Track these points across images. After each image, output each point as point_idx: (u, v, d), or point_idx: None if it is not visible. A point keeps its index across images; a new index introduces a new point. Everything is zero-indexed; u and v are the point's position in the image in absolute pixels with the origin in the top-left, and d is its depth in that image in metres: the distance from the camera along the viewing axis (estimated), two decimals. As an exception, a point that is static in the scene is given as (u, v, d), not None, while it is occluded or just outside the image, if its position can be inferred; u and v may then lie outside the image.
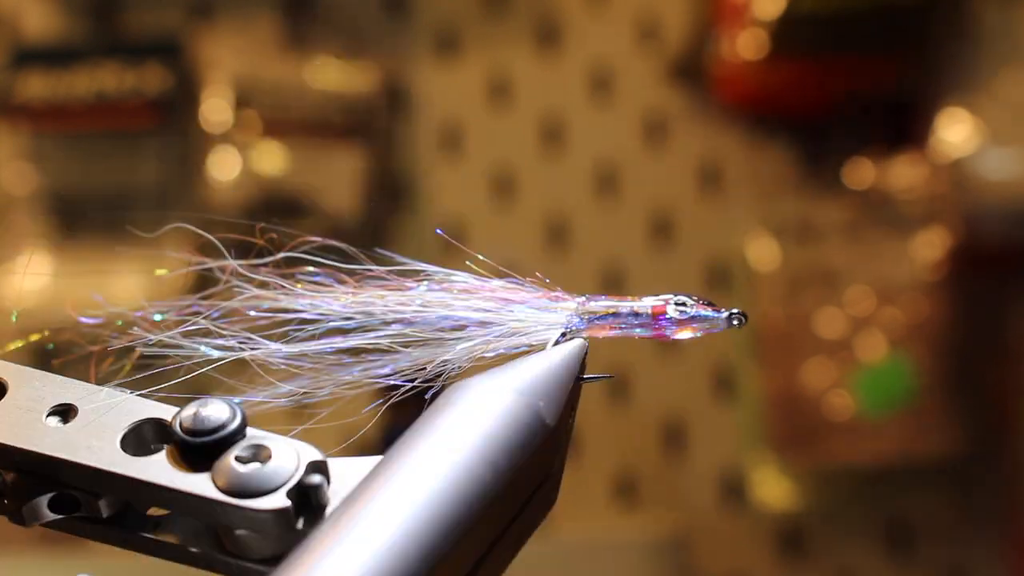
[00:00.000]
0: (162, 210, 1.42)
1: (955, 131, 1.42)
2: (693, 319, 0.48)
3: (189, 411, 0.43)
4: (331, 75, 1.51)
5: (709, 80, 1.50)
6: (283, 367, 0.48)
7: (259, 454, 0.42)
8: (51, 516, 0.44)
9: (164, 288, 0.48)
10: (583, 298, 0.48)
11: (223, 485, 0.42)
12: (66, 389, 0.45)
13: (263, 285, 0.48)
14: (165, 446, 0.43)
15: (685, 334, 0.48)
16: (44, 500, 0.44)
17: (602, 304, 0.48)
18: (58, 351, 0.51)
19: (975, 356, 1.44)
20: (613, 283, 1.45)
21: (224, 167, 1.47)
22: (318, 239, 0.48)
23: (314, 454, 0.43)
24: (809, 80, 1.47)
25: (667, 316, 0.48)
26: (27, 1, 1.54)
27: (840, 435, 1.42)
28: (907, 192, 1.45)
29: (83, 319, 0.49)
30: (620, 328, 0.48)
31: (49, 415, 0.45)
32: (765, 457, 1.44)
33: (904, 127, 1.47)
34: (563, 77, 1.52)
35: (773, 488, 1.44)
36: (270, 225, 0.48)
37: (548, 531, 0.44)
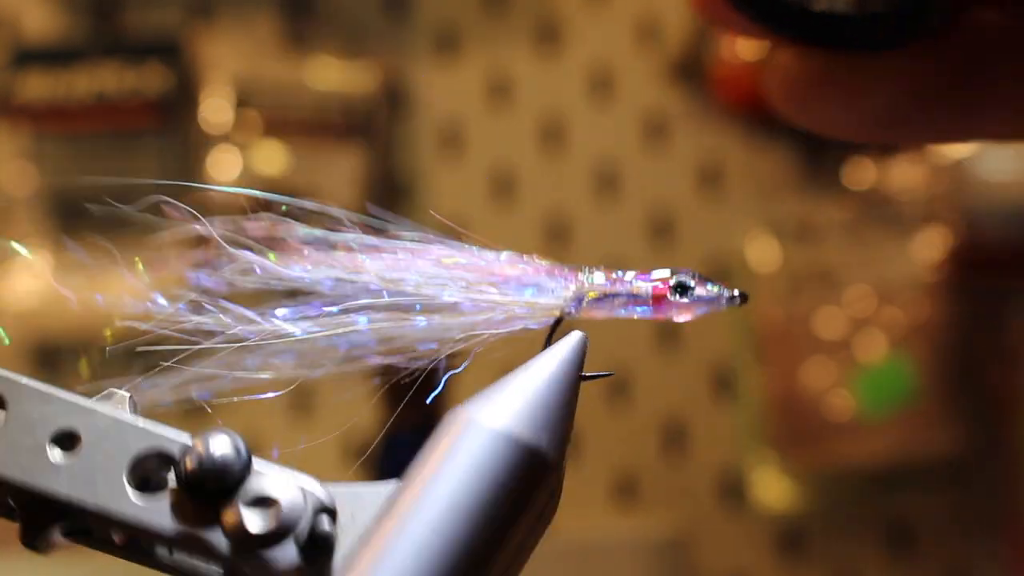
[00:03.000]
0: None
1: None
2: (694, 297, 0.47)
3: (195, 452, 0.43)
4: (331, 75, 1.51)
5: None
6: (281, 344, 0.47)
7: (266, 505, 0.42)
8: (64, 543, 0.44)
9: (164, 289, 0.48)
10: (583, 274, 0.48)
11: (232, 535, 0.42)
12: (68, 410, 0.44)
13: (250, 248, 0.47)
14: (171, 483, 0.43)
15: (686, 313, 0.48)
16: (56, 529, 0.44)
17: (601, 284, 0.47)
18: (57, 352, 0.51)
19: (975, 356, 1.45)
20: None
21: (224, 167, 1.47)
22: (315, 205, 0.48)
23: (320, 494, 0.43)
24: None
25: (667, 296, 0.47)
26: (27, 1, 1.54)
27: (840, 435, 1.42)
28: (907, 192, 1.45)
29: (82, 320, 0.50)
30: (620, 308, 0.48)
31: (52, 442, 0.44)
32: (765, 457, 1.44)
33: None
34: (563, 77, 1.52)
35: (773, 488, 1.44)
36: (270, 215, 0.48)
37: (548, 531, 0.44)
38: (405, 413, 0.58)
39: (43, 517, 0.44)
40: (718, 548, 1.45)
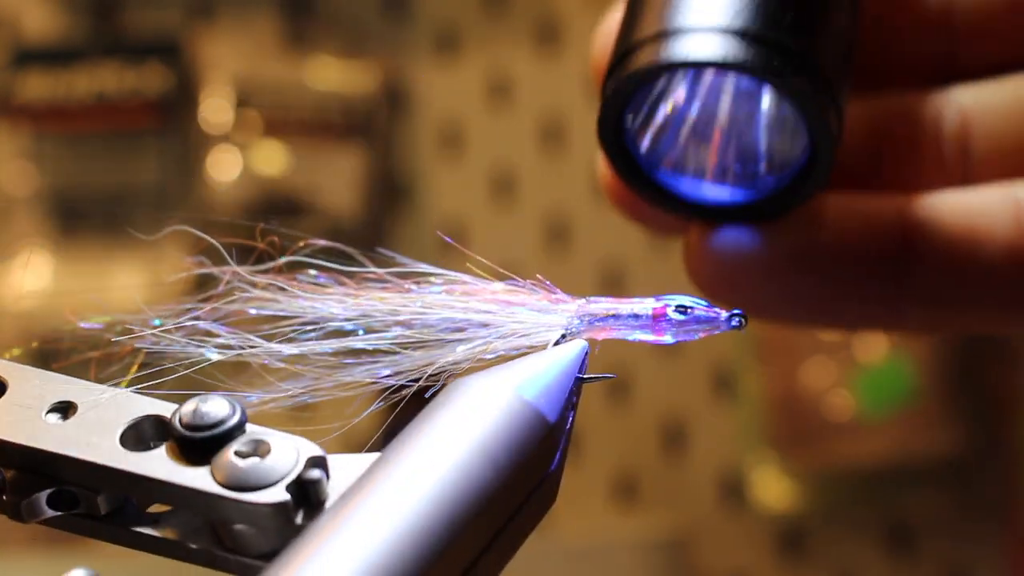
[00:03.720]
0: (162, 210, 1.42)
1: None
2: (694, 321, 0.48)
3: (188, 407, 0.43)
4: (331, 75, 1.51)
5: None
6: (283, 367, 0.48)
7: (258, 449, 0.42)
8: (50, 513, 0.44)
9: (164, 290, 0.48)
10: (583, 300, 0.49)
11: (222, 479, 0.42)
12: (66, 387, 0.46)
13: (263, 287, 0.48)
14: (164, 443, 0.43)
15: (686, 336, 0.48)
16: (43, 496, 0.44)
17: (602, 306, 0.48)
18: (57, 353, 0.51)
19: (975, 356, 1.44)
20: (613, 283, 1.45)
21: (224, 167, 1.47)
22: (319, 241, 0.48)
23: (313, 449, 0.43)
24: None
25: (667, 318, 0.48)
26: (27, 1, 1.54)
27: (840, 435, 1.42)
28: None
29: (82, 321, 0.50)
30: (620, 330, 0.48)
31: (49, 412, 0.45)
32: (765, 457, 1.44)
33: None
34: (563, 77, 1.52)
35: (773, 488, 1.44)
36: (270, 226, 0.48)
37: (548, 531, 0.44)
38: (404, 414, 0.58)
39: (32, 482, 0.44)
40: (718, 548, 1.45)
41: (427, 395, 0.49)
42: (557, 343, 0.47)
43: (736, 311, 0.48)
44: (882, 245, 0.51)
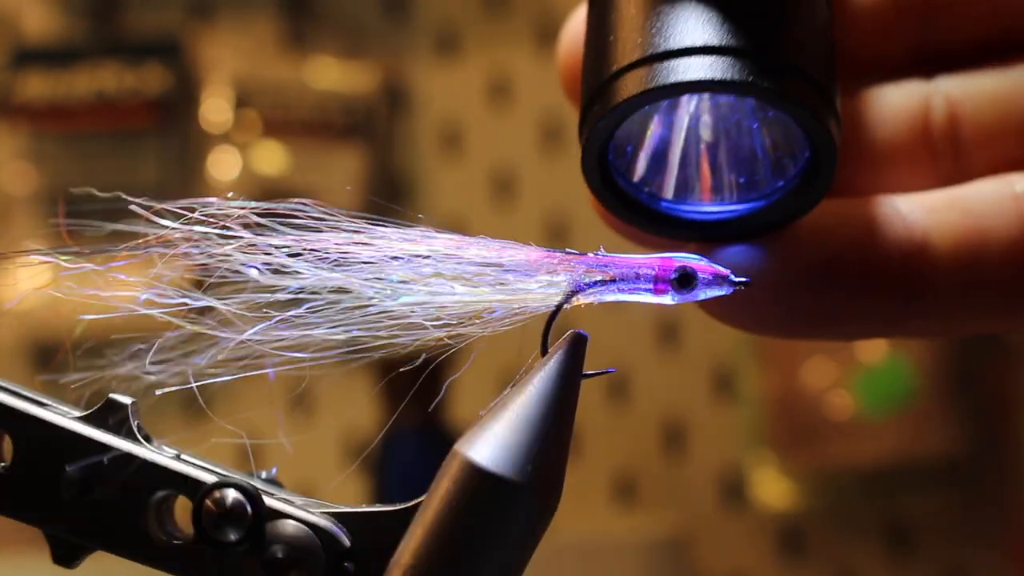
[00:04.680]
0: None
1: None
2: (698, 279, 0.47)
3: (204, 513, 0.43)
4: (331, 75, 1.51)
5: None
6: (281, 339, 0.47)
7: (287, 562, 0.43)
8: None
9: (162, 282, 0.48)
10: (590, 254, 0.48)
11: None
12: (78, 447, 0.45)
13: (255, 243, 0.47)
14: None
15: (689, 296, 0.47)
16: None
17: (603, 265, 0.47)
18: (57, 353, 0.51)
19: (975, 356, 1.44)
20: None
21: (224, 167, 1.47)
22: (308, 201, 0.48)
23: (337, 535, 0.44)
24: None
25: (671, 278, 0.47)
26: (27, 1, 1.54)
27: (840, 435, 1.42)
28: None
29: (80, 320, 0.49)
30: (622, 291, 0.47)
31: (65, 485, 0.44)
32: (765, 457, 1.44)
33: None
34: (563, 77, 1.52)
35: (773, 488, 1.44)
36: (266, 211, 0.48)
37: (548, 531, 0.44)
38: (405, 412, 0.58)
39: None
40: (718, 548, 1.45)
41: (426, 395, 0.49)
42: (559, 305, 0.47)
43: (742, 278, 0.48)
44: (889, 253, 0.50)
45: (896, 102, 0.53)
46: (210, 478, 0.44)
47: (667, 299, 0.48)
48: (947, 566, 1.46)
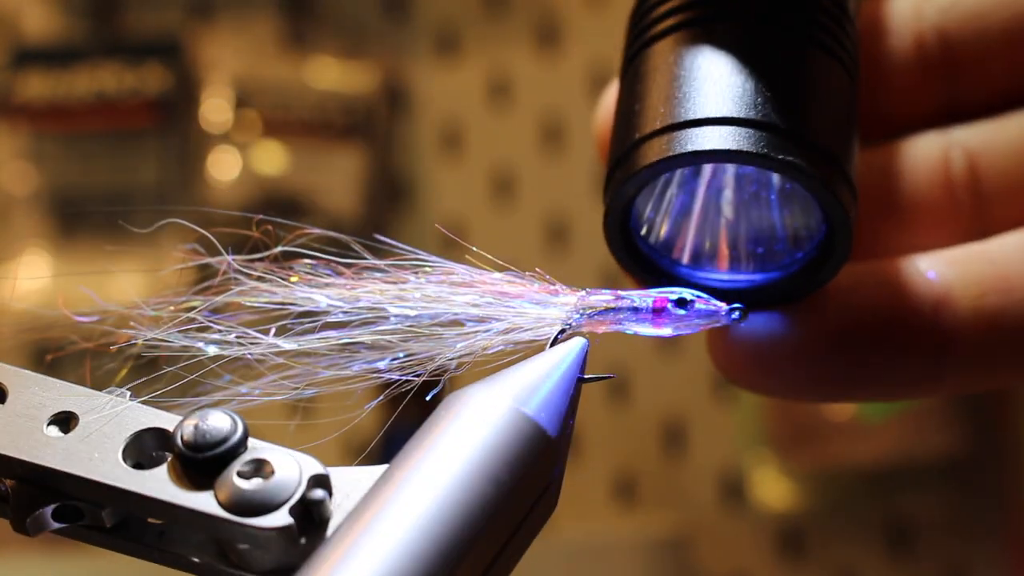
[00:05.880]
0: (162, 210, 1.42)
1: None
2: (694, 313, 0.48)
3: (189, 425, 0.43)
4: (331, 75, 1.51)
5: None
6: (281, 362, 0.48)
7: (261, 470, 0.42)
8: (55, 526, 0.44)
9: (161, 285, 0.48)
10: (583, 292, 0.49)
11: (225, 502, 0.42)
12: (66, 395, 0.45)
13: (260, 279, 0.48)
14: (167, 457, 0.44)
15: (686, 329, 0.48)
16: (48, 511, 0.44)
17: (602, 299, 0.48)
18: (53, 350, 0.51)
19: (975, 356, 1.44)
20: (613, 283, 1.45)
21: (224, 167, 1.47)
22: (315, 230, 0.48)
23: (316, 467, 0.43)
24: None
25: (668, 311, 0.48)
26: (27, 1, 1.54)
27: (840, 435, 1.42)
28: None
29: (79, 318, 0.50)
30: (620, 323, 0.48)
31: (50, 424, 0.44)
32: (765, 457, 1.44)
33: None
34: (563, 77, 1.52)
35: (773, 488, 1.44)
36: (267, 218, 0.48)
37: (548, 531, 0.44)
38: (405, 412, 0.58)
39: (35, 497, 0.44)
40: (718, 548, 1.45)
41: (428, 396, 0.49)
42: (557, 338, 0.47)
43: (736, 304, 0.48)
44: (916, 315, 0.50)
45: (916, 155, 0.53)
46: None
47: (667, 331, 0.49)
48: (947, 566, 1.46)
